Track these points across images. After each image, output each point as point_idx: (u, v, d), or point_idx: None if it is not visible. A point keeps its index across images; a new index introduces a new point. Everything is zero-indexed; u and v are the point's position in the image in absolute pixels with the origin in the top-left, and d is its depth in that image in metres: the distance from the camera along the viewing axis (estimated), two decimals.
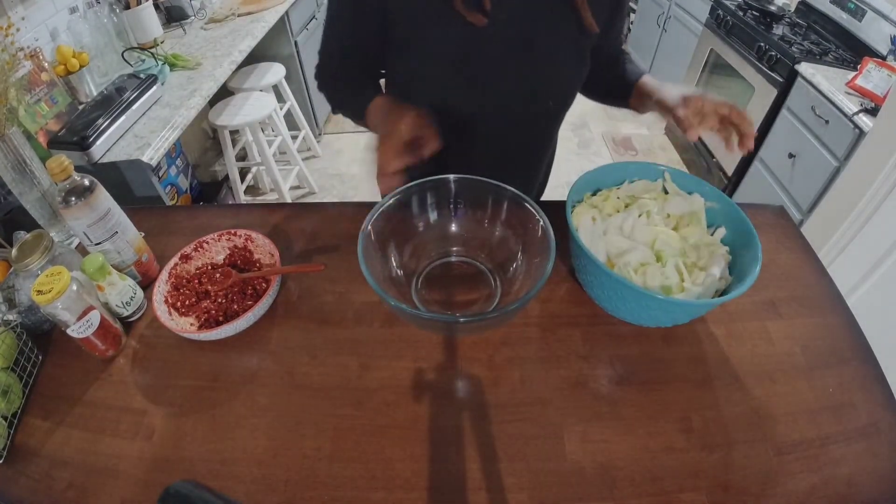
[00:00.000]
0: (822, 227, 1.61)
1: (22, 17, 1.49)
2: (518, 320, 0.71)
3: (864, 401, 0.62)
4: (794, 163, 1.86)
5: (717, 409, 0.61)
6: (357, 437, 0.59)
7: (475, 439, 0.59)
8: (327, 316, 0.73)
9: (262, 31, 2.08)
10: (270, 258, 0.76)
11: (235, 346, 0.69)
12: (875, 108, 1.53)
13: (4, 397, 0.61)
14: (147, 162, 1.35)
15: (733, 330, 0.70)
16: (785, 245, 0.83)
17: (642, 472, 0.56)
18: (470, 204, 0.77)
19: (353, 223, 0.86)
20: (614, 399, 0.62)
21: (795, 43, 1.94)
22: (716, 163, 2.38)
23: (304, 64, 2.55)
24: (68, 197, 0.66)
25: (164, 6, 2.06)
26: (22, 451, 0.59)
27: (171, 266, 0.74)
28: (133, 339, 0.71)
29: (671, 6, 2.83)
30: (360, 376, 0.65)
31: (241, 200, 2.23)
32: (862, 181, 1.45)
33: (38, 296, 0.59)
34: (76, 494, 0.55)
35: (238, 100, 2.09)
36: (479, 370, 0.65)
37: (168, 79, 1.71)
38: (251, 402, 0.63)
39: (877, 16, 1.85)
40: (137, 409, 0.63)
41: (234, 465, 0.57)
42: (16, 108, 0.92)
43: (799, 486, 0.55)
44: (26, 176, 0.87)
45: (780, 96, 1.92)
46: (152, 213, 0.92)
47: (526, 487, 0.55)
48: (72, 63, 1.54)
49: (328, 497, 0.55)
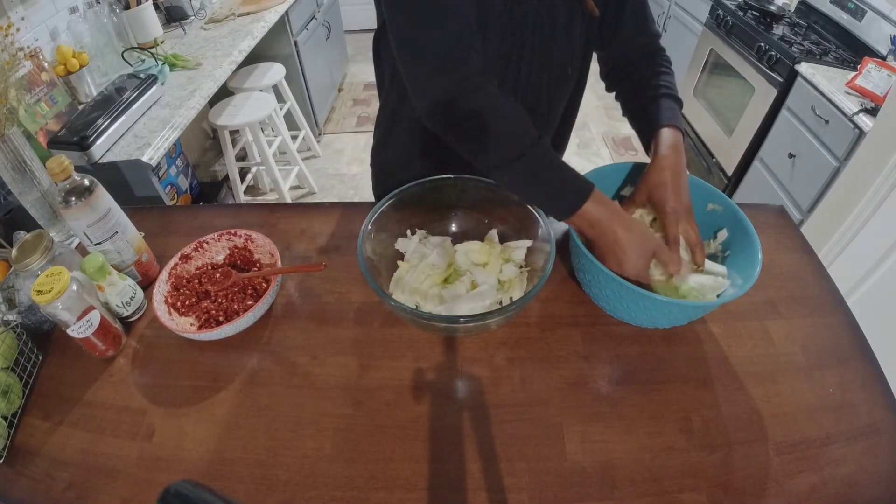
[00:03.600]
0: (822, 227, 1.61)
1: (22, 17, 1.49)
2: (518, 320, 0.71)
3: (864, 401, 0.62)
4: (794, 163, 1.86)
5: (717, 409, 0.61)
6: (357, 437, 0.59)
7: (475, 439, 0.59)
8: (327, 316, 0.73)
9: (262, 31, 2.08)
10: (270, 258, 0.76)
11: (235, 346, 0.69)
12: (875, 108, 1.53)
13: (4, 397, 0.61)
14: (147, 162, 1.35)
15: (733, 330, 0.70)
16: (785, 245, 0.83)
17: (642, 472, 0.56)
18: (470, 203, 0.77)
19: (353, 223, 0.86)
20: (614, 399, 0.62)
21: (795, 43, 1.94)
22: (716, 163, 2.38)
23: (304, 64, 2.55)
24: (68, 197, 0.66)
25: (164, 6, 2.06)
26: (22, 451, 0.59)
27: (171, 266, 0.74)
28: (133, 339, 0.71)
29: (671, 6, 2.83)
30: (360, 376, 0.65)
31: (241, 200, 2.23)
32: (862, 181, 1.44)
33: (38, 296, 0.58)
34: (76, 494, 0.55)
35: (238, 100, 2.09)
36: (479, 370, 0.65)
37: (168, 79, 1.71)
38: (251, 402, 0.63)
39: (877, 16, 1.84)
40: (137, 409, 0.63)
41: (234, 465, 0.57)
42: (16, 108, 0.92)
43: (799, 486, 0.55)
44: (26, 176, 0.86)
45: (780, 96, 1.92)
46: (152, 213, 0.92)
47: (526, 487, 0.55)
48: (72, 63, 1.54)
49: (328, 497, 0.55)
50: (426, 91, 0.63)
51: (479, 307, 0.67)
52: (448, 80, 0.61)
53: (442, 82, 0.61)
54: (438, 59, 0.61)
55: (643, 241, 0.62)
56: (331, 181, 2.67)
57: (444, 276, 0.71)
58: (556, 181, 0.63)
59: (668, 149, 0.69)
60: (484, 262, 0.72)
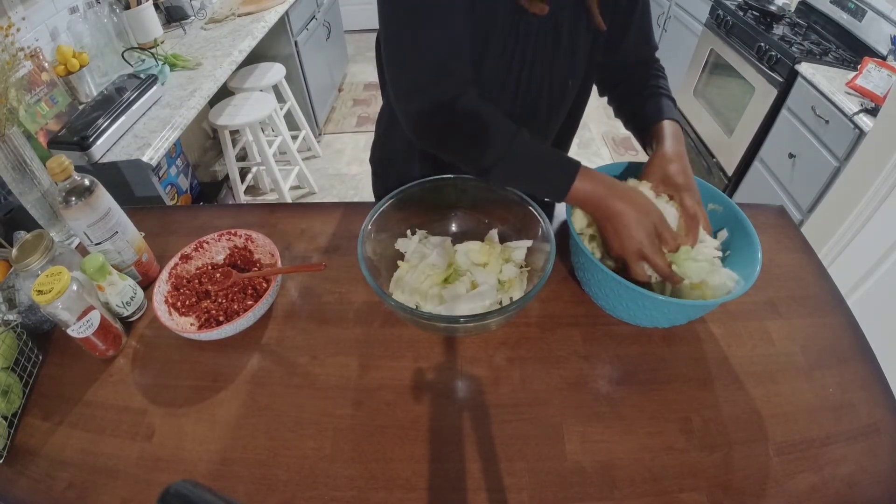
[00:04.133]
0: (822, 227, 1.61)
1: (22, 17, 1.49)
2: (518, 320, 0.71)
3: (864, 401, 0.62)
4: (794, 163, 1.86)
5: (717, 409, 0.61)
6: (357, 437, 0.59)
7: (475, 439, 0.59)
8: (327, 316, 0.73)
9: (262, 31, 2.08)
10: (270, 258, 0.76)
11: (235, 346, 0.69)
12: (875, 108, 1.53)
13: (4, 397, 0.61)
14: (147, 162, 1.35)
15: (733, 330, 0.70)
16: (785, 245, 0.83)
17: (642, 472, 0.56)
18: (470, 203, 0.77)
19: (353, 223, 0.86)
20: (614, 399, 0.62)
21: (795, 43, 1.94)
22: (716, 163, 2.38)
23: (304, 64, 2.55)
24: (68, 197, 0.66)
25: (164, 6, 2.06)
26: (22, 451, 0.59)
27: (171, 266, 0.74)
28: (133, 339, 0.71)
29: (671, 6, 2.83)
30: (360, 376, 0.65)
31: (241, 200, 2.23)
32: (862, 181, 1.44)
33: (39, 296, 0.59)
34: (76, 494, 0.55)
35: (238, 100, 2.09)
36: (479, 370, 0.65)
37: (168, 79, 1.71)
38: (251, 402, 0.63)
39: (877, 16, 1.84)
40: (137, 409, 0.63)
41: (234, 465, 0.57)
42: (16, 108, 0.92)
43: (799, 486, 0.55)
44: (26, 176, 0.86)
45: (780, 96, 1.92)
46: (152, 213, 0.92)
47: (526, 487, 0.55)
48: (72, 63, 1.54)
49: (328, 497, 0.55)
50: (409, 110, 0.65)
51: (479, 307, 0.67)
52: (430, 91, 0.62)
53: (423, 93, 0.63)
54: (422, 71, 0.62)
55: (644, 213, 0.61)
56: (331, 181, 2.67)
57: (445, 276, 0.71)
58: (543, 169, 0.65)
59: (670, 138, 0.70)
60: (484, 262, 0.72)
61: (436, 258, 0.72)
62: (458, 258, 0.73)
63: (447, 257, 0.73)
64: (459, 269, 0.72)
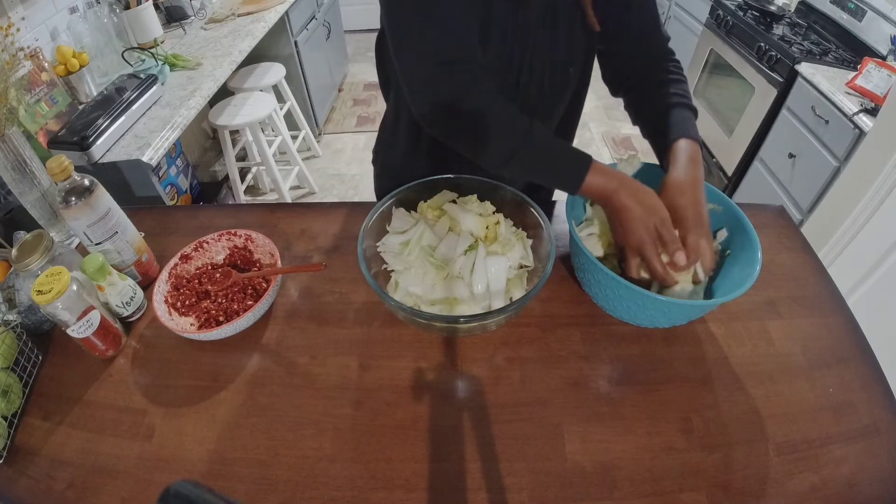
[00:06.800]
0: (822, 227, 1.61)
1: (22, 17, 1.49)
2: (518, 320, 0.71)
3: (864, 401, 0.62)
4: (794, 163, 1.86)
5: (717, 409, 0.61)
6: (357, 437, 0.59)
7: (475, 439, 0.59)
8: (327, 316, 0.73)
9: (262, 31, 2.08)
10: (270, 258, 0.76)
11: (235, 346, 0.69)
12: (875, 108, 1.53)
13: (4, 397, 0.61)
14: (147, 162, 1.35)
15: (733, 330, 0.70)
16: (785, 245, 0.83)
17: (642, 472, 0.56)
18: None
19: (353, 223, 0.86)
20: (614, 399, 0.62)
21: (795, 43, 1.94)
22: (716, 163, 2.38)
23: (304, 64, 2.55)
24: (68, 197, 0.66)
25: (164, 6, 2.06)
26: (22, 451, 0.59)
27: (171, 266, 0.74)
28: (133, 339, 0.71)
29: (671, 6, 2.83)
30: (360, 376, 0.65)
31: (241, 200, 2.23)
32: (862, 181, 1.45)
33: (38, 296, 0.58)
34: (76, 494, 0.55)
35: (238, 100, 2.09)
36: (479, 370, 0.65)
37: (168, 79, 1.71)
38: (251, 402, 0.63)
39: (877, 16, 1.84)
40: (137, 409, 0.63)
41: (234, 465, 0.57)
42: (16, 108, 0.92)
43: (799, 486, 0.55)
44: (26, 176, 0.86)
45: (780, 96, 1.92)
46: (152, 213, 0.92)
47: (526, 487, 0.55)
48: (72, 63, 1.54)
49: (328, 497, 0.55)
50: (423, 95, 0.64)
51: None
52: (443, 84, 0.62)
53: (437, 86, 0.62)
54: (434, 63, 0.61)
55: (648, 212, 0.62)
56: (331, 181, 2.67)
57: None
58: (556, 163, 0.66)
59: (687, 161, 0.67)
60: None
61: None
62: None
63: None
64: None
